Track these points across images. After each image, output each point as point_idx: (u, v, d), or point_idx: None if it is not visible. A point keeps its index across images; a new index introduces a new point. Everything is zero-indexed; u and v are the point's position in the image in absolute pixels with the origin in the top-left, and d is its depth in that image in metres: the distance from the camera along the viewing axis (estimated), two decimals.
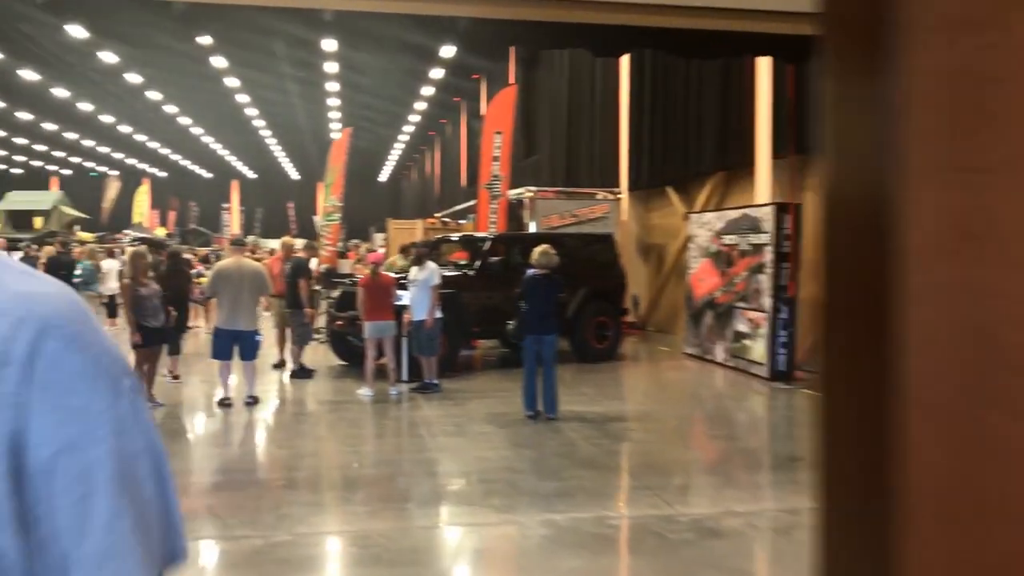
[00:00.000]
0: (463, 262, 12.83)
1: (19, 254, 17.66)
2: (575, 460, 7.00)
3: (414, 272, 9.96)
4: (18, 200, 29.29)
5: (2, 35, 29.25)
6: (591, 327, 12.71)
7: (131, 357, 8.89)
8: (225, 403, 9.05)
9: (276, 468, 7.04)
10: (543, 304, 8.23)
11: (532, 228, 15.53)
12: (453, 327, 10.88)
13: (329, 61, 31.66)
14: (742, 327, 11.77)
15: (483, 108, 35.91)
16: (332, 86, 36.07)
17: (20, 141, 52.55)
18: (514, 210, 16.45)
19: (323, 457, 7.39)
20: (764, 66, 12.56)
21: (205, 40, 28.62)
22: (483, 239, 12.86)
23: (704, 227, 13.20)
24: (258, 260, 13.56)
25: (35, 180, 56.22)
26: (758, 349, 11.27)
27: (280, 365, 12.02)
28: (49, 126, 46.88)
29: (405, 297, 10.32)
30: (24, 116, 43.89)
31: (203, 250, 29.06)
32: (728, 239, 12.30)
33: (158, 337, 9.05)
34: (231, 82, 35.49)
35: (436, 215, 24.38)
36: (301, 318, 11.03)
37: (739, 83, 13.53)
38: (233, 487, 6.35)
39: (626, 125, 18.36)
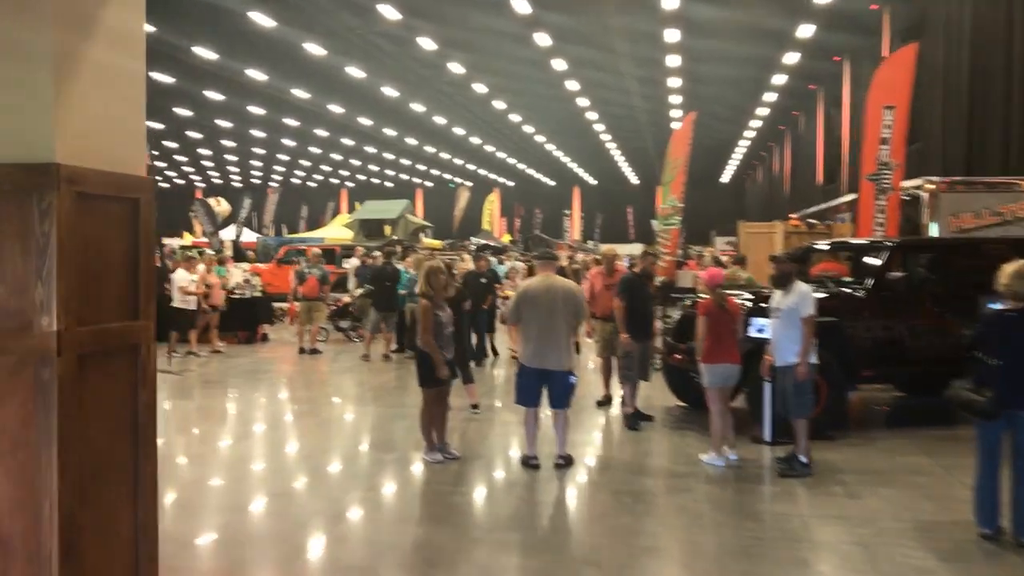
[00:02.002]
0: (844, 279, 9.71)
1: (355, 261, 17.66)
2: None
3: (777, 297, 7.15)
4: (370, 209, 30.87)
5: (365, 55, 31.12)
6: None
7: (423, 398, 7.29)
8: (529, 463, 6.98)
9: None
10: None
11: (933, 231, 11.85)
12: (834, 370, 7.89)
13: (672, 54, 29.45)
14: None
15: (845, 94, 31.36)
16: (674, 81, 33.78)
17: (388, 156, 57.45)
18: (905, 208, 12.80)
19: None
20: None
21: (544, 41, 27.99)
22: (878, 247, 9.55)
23: None
24: (574, 269, 11.72)
25: (403, 192, 61.07)
26: None
27: (605, 402, 9.87)
28: (411, 140, 50.36)
29: (764, 328, 7.60)
30: (390, 132, 47.56)
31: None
32: None
33: (450, 371, 7.31)
34: (571, 86, 34.76)
35: (792, 216, 20.92)
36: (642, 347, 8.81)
37: None
38: None
39: None
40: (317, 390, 11.87)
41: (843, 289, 9.02)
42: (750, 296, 8.58)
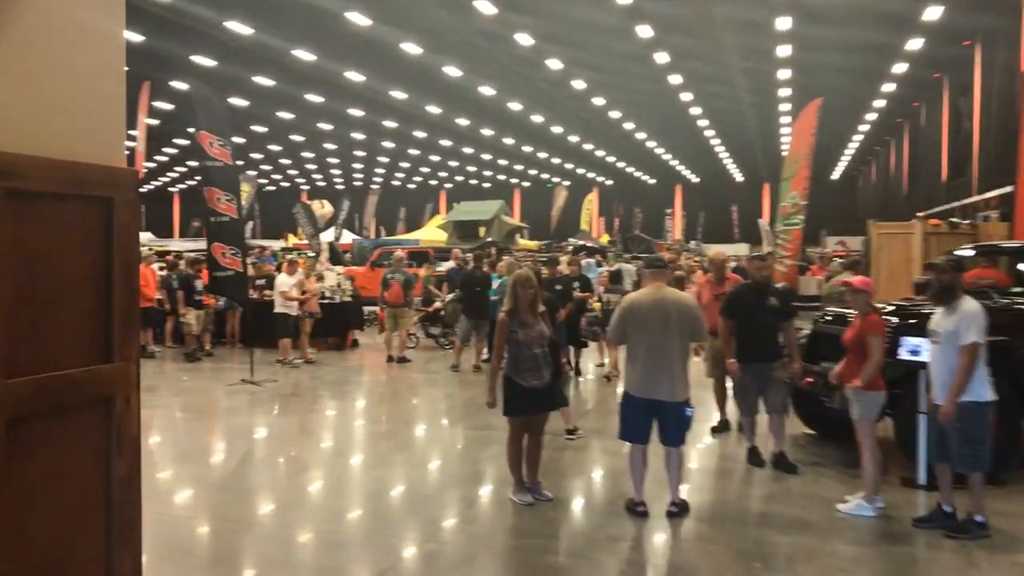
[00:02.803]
0: (1009, 288, 8.25)
1: (449, 264, 16.93)
2: None
3: (938, 316, 5.81)
4: (464, 211, 30.20)
5: (462, 53, 30.52)
6: None
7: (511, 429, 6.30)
8: (636, 510, 5.86)
9: None
10: None
11: None
12: (1006, 400, 6.52)
13: (782, 43, 27.66)
14: None
15: (976, 81, 28.80)
16: (783, 73, 31.88)
17: (485, 156, 57.02)
18: None
19: None
20: None
21: (646, 33, 26.71)
22: None
23: None
24: (677, 277, 10.40)
25: (500, 193, 60.60)
26: None
27: (721, 429, 8.69)
28: (508, 140, 49.72)
29: (919, 348, 6.32)
30: (487, 132, 47.03)
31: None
32: None
33: (537, 401, 6.26)
34: (674, 79, 33.29)
35: (923, 214, 18.99)
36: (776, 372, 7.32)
37: None
38: None
39: None
40: (400, 405, 11.04)
41: (1016, 301, 7.59)
42: (895, 308, 7.30)
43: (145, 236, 38.35)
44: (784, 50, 28.37)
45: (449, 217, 31.61)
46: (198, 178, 16.27)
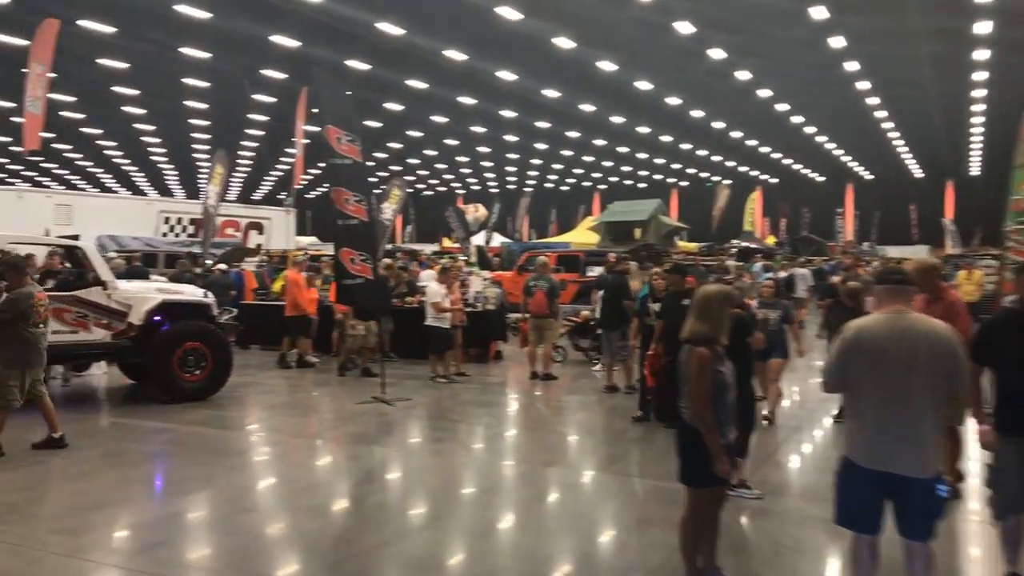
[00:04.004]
0: None
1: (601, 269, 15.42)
2: None
3: None
4: (618, 211, 28.41)
5: (616, 46, 28.90)
6: None
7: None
8: None
9: None
10: None
11: None
12: None
13: (980, 19, 24.33)
14: None
15: None
16: (980, 53, 28.22)
17: (641, 155, 55.00)
18: None
19: None
20: None
21: (820, 14, 24.16)
22: None
23: None
24: (851, 290, 8.30)
25: (657, 193, 58.36)
26: None
27: (953, 496, 6.72)
28: (665, 137, 47.56)
29: None
30: (643, 129, 45.07)
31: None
32: None
33: (732, 461, 4.67)
34: (850, 66, 30.26)
35: None
36: None
37: None
38: None
39: None
40: (540, 440, 9.19)
41: None
42: None
43: (307, 240, 39.16)
44: (983, 26, 24.98)
45: (602, 218, 29.97)
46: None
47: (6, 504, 6.39)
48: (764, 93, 35.67)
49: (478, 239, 35.81)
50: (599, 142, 49.48)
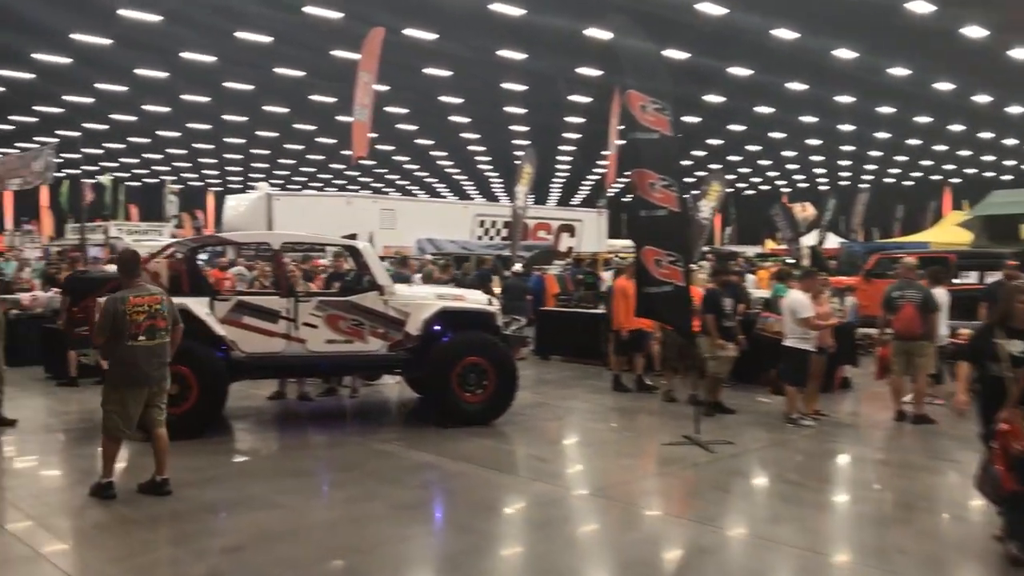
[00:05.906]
0: None
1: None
2: None
3: None
4: (999, 202, 22.82)
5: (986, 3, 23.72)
6: None
7: None
8: None
9: None
10: None
11: None
12: None
13: None
14: None
15: None
16: None
17: (1008, 141, 46.61)
18: None
19: None
20: None
21: None
22: None
23: None
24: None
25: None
26: None
27: None
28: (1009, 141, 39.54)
29: None
30: (1014, 109, 37.77)
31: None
32: None
33: None
34: None
35: None
36: None
37: None
38: None
39: None
40: (920, 546, 5.83)
41: None
42: None
43: (620, 243, 37.70)
44: None
45: (975, 211, 24.57)
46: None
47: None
48: None
49: (808, 239, 32.09)
50: (955, 127, 42.50)
